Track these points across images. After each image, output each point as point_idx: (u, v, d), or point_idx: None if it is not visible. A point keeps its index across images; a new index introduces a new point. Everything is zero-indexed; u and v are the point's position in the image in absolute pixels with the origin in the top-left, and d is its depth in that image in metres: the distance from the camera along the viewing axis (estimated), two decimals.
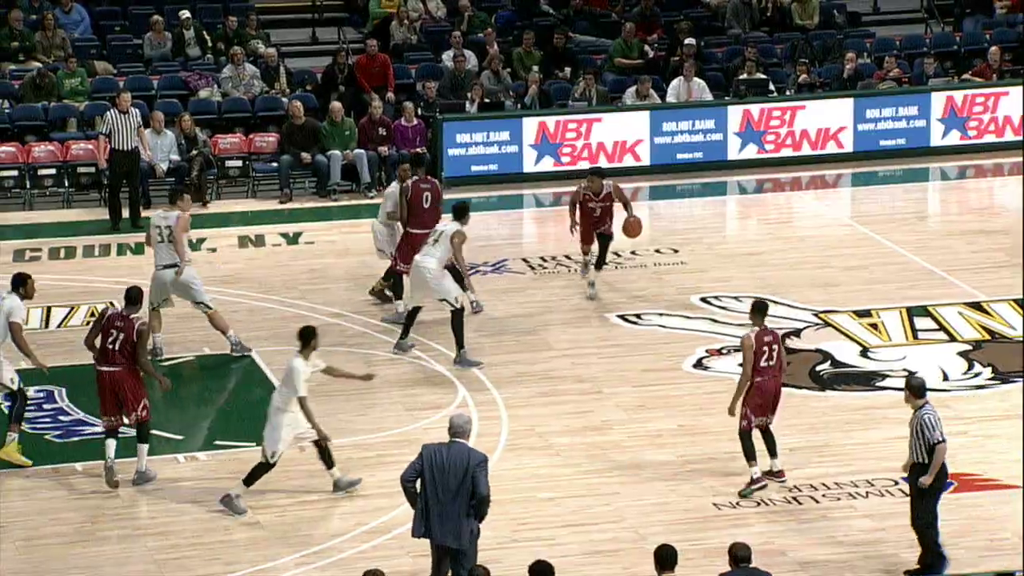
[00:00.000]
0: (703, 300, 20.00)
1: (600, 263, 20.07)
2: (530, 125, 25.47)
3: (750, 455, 14.98)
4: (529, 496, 15.15)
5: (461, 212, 18.30)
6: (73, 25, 26.92)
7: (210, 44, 26.85)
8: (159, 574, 13.85)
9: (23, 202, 23.99)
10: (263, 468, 14.75)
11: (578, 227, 19.77)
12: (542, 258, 21.77)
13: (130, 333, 15.07)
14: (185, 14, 26.83)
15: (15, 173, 24.03)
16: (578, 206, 19.75)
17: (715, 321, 19.38)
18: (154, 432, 15.99)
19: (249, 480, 14.78)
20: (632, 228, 19.97)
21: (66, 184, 24.26)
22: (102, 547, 14.33)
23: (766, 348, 14.88)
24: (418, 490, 12.50)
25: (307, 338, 14.81)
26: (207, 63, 26.55)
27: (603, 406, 16.96)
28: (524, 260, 21.71)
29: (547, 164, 25.52)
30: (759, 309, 15.11)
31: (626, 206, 19.90)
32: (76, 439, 16.24)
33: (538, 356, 18.35)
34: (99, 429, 15.74)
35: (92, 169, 24.00)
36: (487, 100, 25.94)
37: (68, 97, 25.34)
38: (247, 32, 27.04)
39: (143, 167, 23.60)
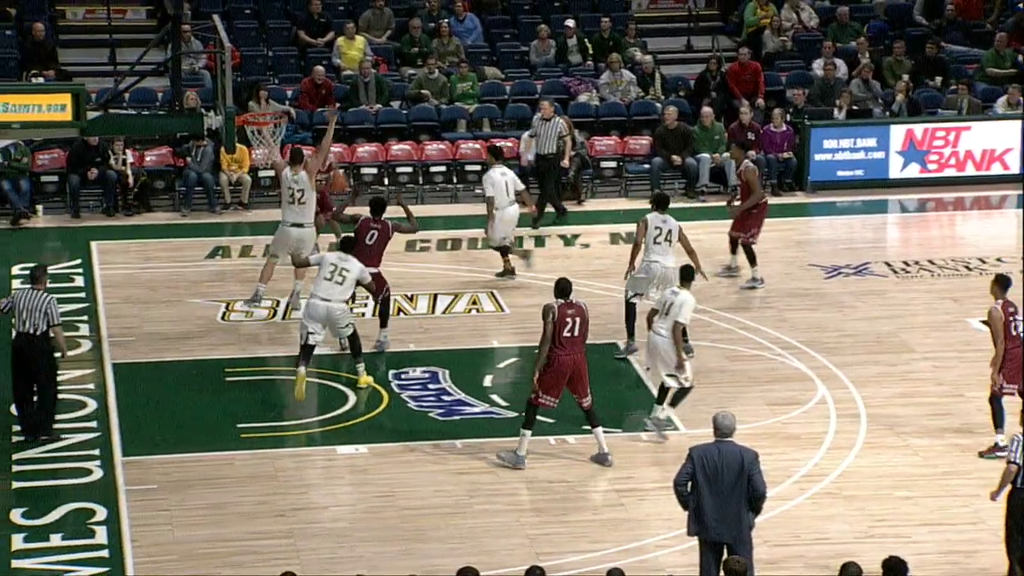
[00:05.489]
0: None
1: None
2: (898, 132, 25.53)
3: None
4: (886, 494, 15.23)
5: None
6: (466, 33, 27.91)
7: (590, 51, 27.64)
8: (530, 547, 14.23)
9: (416, 196, 24.92)
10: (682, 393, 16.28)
11: None
12: (905, 262, 21.87)
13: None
14: (570, 23, 27.63)
15: (409, 169, 25.19)
16: None
17: None
18: None
19: (673, 401, 16.23)
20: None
21: (454, 181, 25.37)
22: (479, 520, 14.80)
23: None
24: (689, 491, 12.57)
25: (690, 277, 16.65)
26: (587, 69, 27.24)
27: (964, 409, 16.82)
28: (887, 264, 21.83)
29: (913, 171, 25.55)
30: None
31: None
32: (457, 418, 16.91)
33: (899, 358, 18.41)
34: (477, 410, 16.44)
35: (478, 167, 24.96)
36: (855, 107, 26.12)
37: (459, 100, 26.37)
38: (625, 40, 27.69)
39: (524, 166, 24.37)
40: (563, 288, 15.74)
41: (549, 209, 23.80)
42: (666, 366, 16.33)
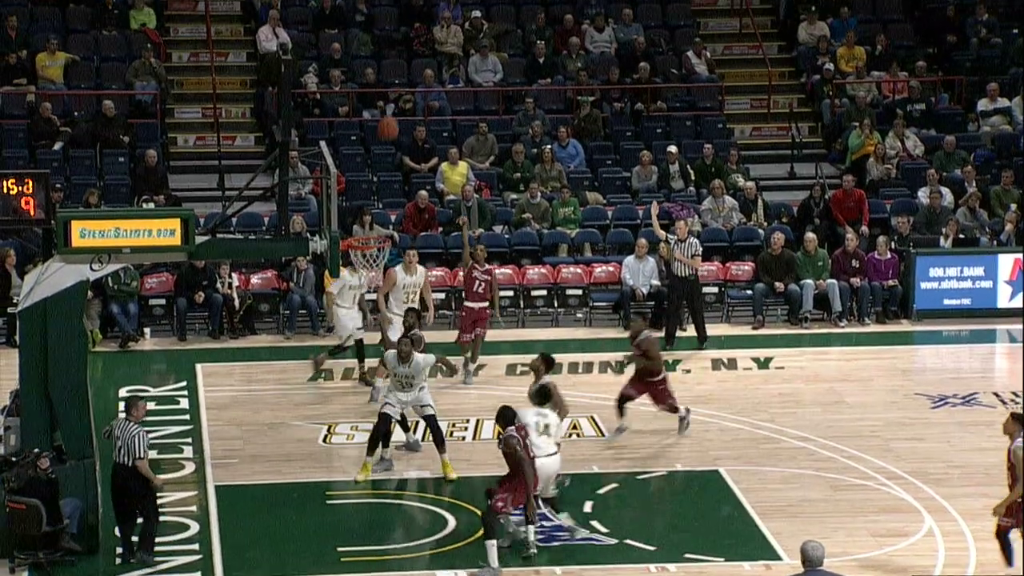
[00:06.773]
0: None
1: None
2: (1006, 261, 25.37)
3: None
4: None
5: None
6: (569, 159, 28.20)
7: (692, 177, 27.85)
8: None
9: (516, 320, 25.15)
10: None
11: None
12: (1014, 393, 21.57)
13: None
14: (672, 149, 27.87)
15: (510, 293, 25.34)
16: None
17: None
18: (628, 542, 16.64)
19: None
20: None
21: (555, 305, 25.53)
22: None
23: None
24: None
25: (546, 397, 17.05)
26: (689, 195, 27.44)
27: None
28: (995, 394, 21.60)
29: (1021, 300, 25.36)
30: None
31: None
32: (557, 544, 16.72)
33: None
34: (578, 536, 16.44)
35: (579, 292, 25.22)
36: (961, 236, 26.03)
37: (561, 224, 26.64)
38: (728, 167, 27.91)
39: (625, 291, 24.80)
40: (509, 416, 16.35)
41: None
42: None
